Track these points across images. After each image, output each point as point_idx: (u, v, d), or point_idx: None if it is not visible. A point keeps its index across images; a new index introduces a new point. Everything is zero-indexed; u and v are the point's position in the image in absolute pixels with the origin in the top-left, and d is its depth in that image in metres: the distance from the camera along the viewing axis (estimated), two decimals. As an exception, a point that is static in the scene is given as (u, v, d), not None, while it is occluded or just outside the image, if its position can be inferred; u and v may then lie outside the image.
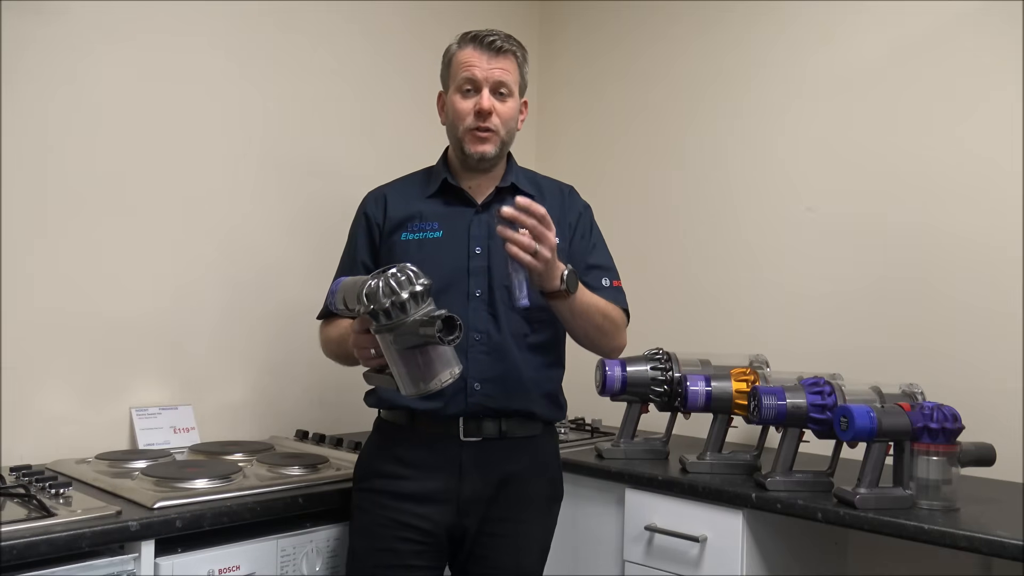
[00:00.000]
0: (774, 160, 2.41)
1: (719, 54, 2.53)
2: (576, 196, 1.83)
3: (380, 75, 2.56)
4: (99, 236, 2.02)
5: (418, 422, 1.67)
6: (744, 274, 2.45)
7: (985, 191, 2.03)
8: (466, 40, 1.69)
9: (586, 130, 2.88)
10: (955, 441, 1.65)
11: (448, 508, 1.64)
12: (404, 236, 1.71)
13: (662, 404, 2.10)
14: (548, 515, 1.77)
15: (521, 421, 1.69)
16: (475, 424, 1.65)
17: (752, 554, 1.79)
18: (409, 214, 1.72)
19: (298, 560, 1.70)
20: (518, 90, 1.71)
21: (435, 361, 1.39)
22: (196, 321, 2.18)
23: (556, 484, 1.78)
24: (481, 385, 1.64)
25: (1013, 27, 1.98)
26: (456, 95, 1.69)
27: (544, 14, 3.02)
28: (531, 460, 1.71)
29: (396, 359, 1.40)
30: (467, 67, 1.67)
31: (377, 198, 1.79)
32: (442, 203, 1.73)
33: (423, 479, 1.64)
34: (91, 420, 2.00)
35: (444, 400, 1.61)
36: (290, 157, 2.36)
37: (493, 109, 1.66)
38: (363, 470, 1.73)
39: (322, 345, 1.83)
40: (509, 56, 1.68)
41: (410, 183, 1.80)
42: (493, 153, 1.69)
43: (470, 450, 1.65)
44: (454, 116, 1.69)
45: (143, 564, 1.48)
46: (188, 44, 2.16)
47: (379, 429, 1.76)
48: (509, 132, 1.71)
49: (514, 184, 1.74)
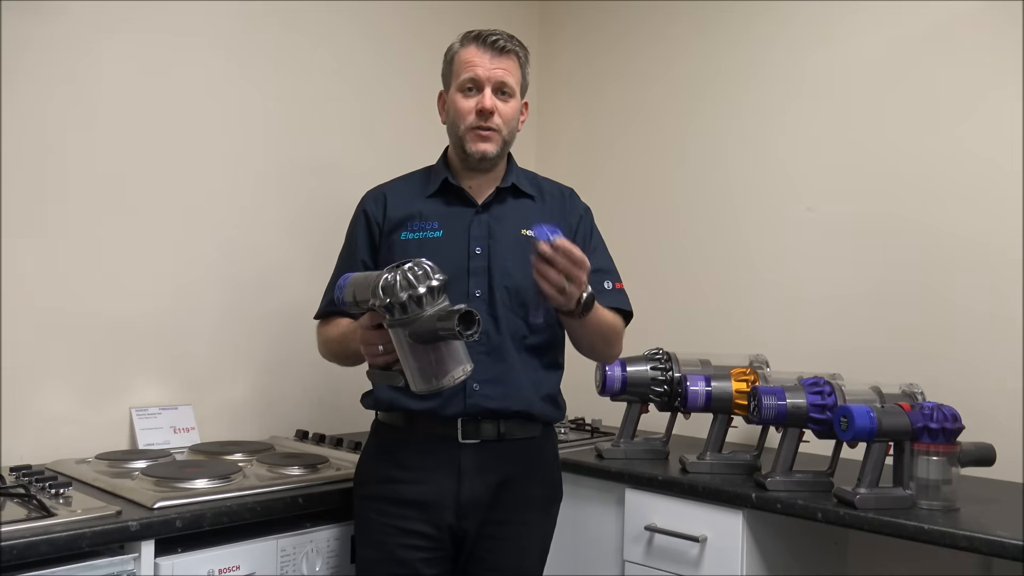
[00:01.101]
0: (774, 160, 2.41)
1: (719, 54, 2.53)
2: (576, 199, 1.83)
3: (380, 75, 2.56)
4: (99, 236, 2.02)
5: (416, 424, 1.66)
6: (744, 274, 2.45)
7: (985, 191, 2.03)
8: (469, 39, 1.69)
9: (586, 130, 2.88)
10: (955, 441, 1.65)
11: (447, 511, 1.63)
12: (404, 236, 1.70)
13: (662, 404, 2.10)
14: (548, 516, 1.76)
15: (520, 423, 1.67)
16: (473, 426, 1.63)
17: (752, 554, 1.79)
18: (409, 214, 1.71)
19: (298, 560, 1.70)
20: (520, 90, 1.71)
21: (448, 358, 1.38)
22: (196, 321, 2.18)
23: (555, 485, 1.78)
24: (480, 386, 1.62)
25: (1013, 27, 1.98)
26: (458, 94, 1.68)
27: (544, 14, 3.02)
28: (530, 462, 1.70)
29: (408, 354, 1.39)
30: (469, 66, 1.66)
31: (376, 197, 1.78)
32: (442, 203, 1.72)
33: (422, 483, 1.63)
34: (91, 420, 2.00)
35: (442, 401, 1.61)
36: (291, 157, 2.35)
37: (495, 109, 1.65)
38: (363, 475, 1.73)
39: (320, 345, 1.81)
40: (511, 56, 1.68)
41: (410, 182, 1.79)
42: (494, 153, 1.68)
43: (469, 452, 1.63)
44: (455, 115, 1.69)
45: (143, 564, 1.48)
46: (188, 44, 2.15)
47: (376, 432, 1.75)
48: (511, 132, 1.71)
49: (515, 184, 1.74)
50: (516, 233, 1.68)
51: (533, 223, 1.66)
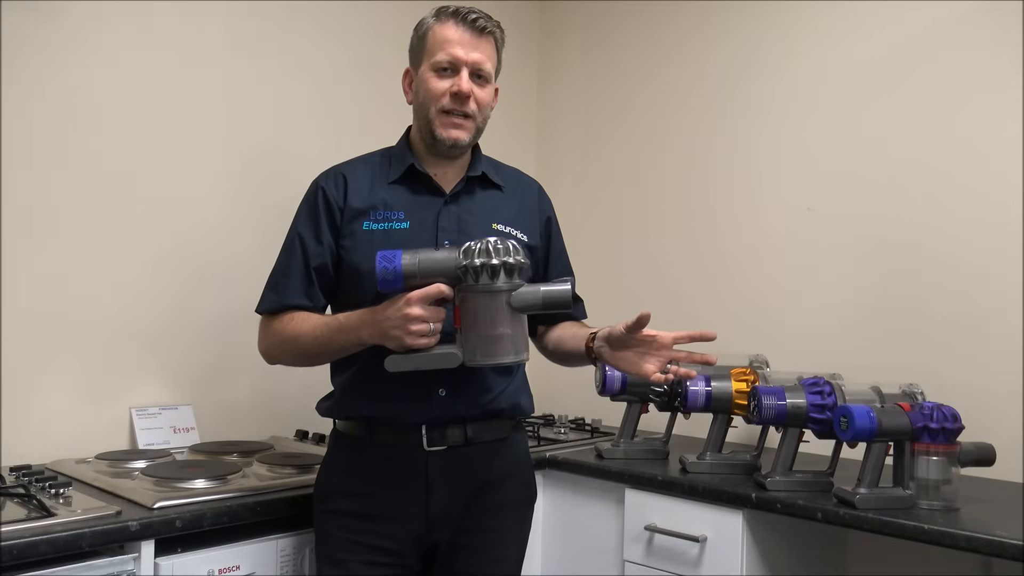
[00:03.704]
0: (775, 160, 2.41)
1: (720, 53, 2.53)
2: (546, 196, 1.76)
3: (381, 75, 2.55)
4: (99, 236, 2.02)
5: (377, 433, 1.56)
6: (744, 274, 2.45)
7: (986, 191, 2.02)
8: (446, 15, 1.56)
9: (586, 129, 2.88)
10: (955, 441, 1.65)
11: (416, 524, 1.54)
12: (367, 225, 1.57)
13: (662, 404, 2.10)
14: (522, 520, 1.68)
15: (487, 423, 1.58)
16: (439, 432, 1.53)
17: (752, 554, 1.79)
18: (372, 202, 1.58)
19: (298, 560, 1.70)
20: (495, 75, 1.61)
21: (519, 335, 1.42)
22: (196, 321, 2.18)
23: (529, 487, 1.69)
24: (446, 391, 1.53)
25: (1013, 27, 1.98)
26: (430, 74, 1.55)
27: (545, 13, 3.02)
28: (501, 465, 1.61)
29: (487, 322, 1.39)
30: (447, 45, 1.53)
31: (336, 178, 1.61)
32: (407, 191, 1.60)
33: (387, 496, 1.54)
34: (91, 420, 2.00)
35: (407, 407, 1.53)
36: (291, 157, 2.35)
37: (472, 93, 1.54)
38: (323, 489, 1.62)
39: (271, 343, 1.61)
40: (490, 38, 1.57)
41: (369, 165, 1.64)
42: (467, 140, 1.57)
43: (436, 460, 1.54)
44: (426, 96, 1.56)
45: (143, 564, 1.48)
46: (188, 43, 2.16)
47: (337, 441, 1.64)
48: (484, 119, 1.60)
49: (484, 174, 1.65)
50: (487, 226, 1.60)
51: (503, 217, 1.63)
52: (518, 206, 1.68)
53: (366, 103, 2.50)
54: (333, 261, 1.59)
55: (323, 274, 1.60)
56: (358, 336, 1.47)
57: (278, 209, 2.30)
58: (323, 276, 1.60)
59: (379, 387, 1.52)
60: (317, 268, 1.59)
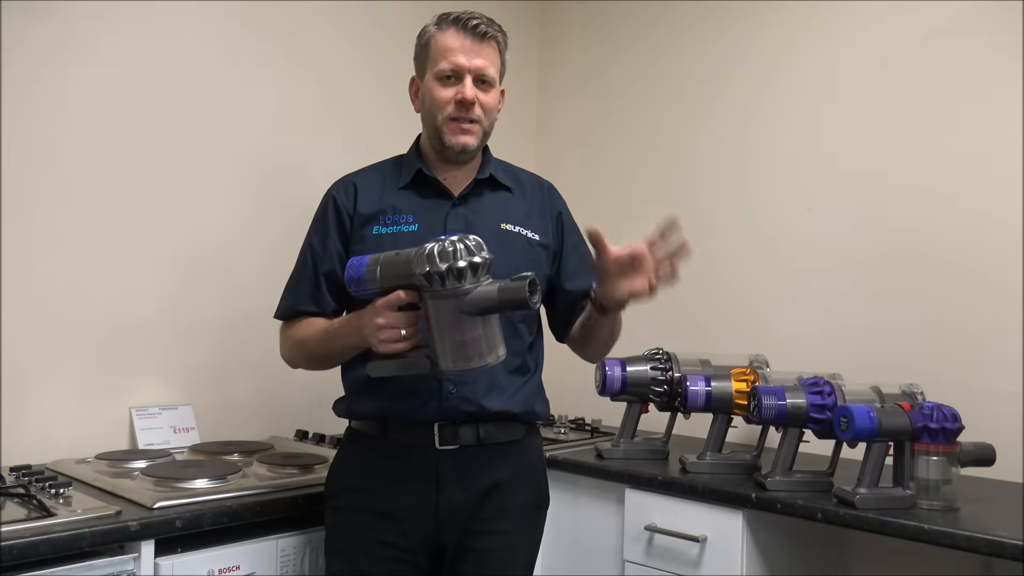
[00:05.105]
0: (775, 160, 2.41)
1: (721, 53, 2.53)
2: (556, 193, 1.77)
3: (381, 75, 2.55)
4: (99, 236, 2.02)
5: (390, 431, 1.57)
6: (744, 274, 2.45)
7: (986, 191, 2.02)
8: (447, 22, 1.58)
9: (587, 129, 2.88)
10: (955, 441, 1.65)
11: (425, 523, 1.54)
12: (377, 230, 1.59)
13: (662, 404, 2.10)
14: (534, 524, 1.67)
15: (500, 425, 1.58)
16: (451, 431, 1.54)
17: (752, 554, 1.79)
18: (381, 207, 1.61)
19: (298, 560, 1.70)
20: (499, 78, 1.63)
21: (492, 335, 1.36)
22: (196, 321, 2.18)
23: (541, 491, 1.69)
24: (457, 388, 1.54)
25: (1014, 27, 1.98)
26: (435, 82, 1.57)
27: (545, 13, 3.02)
28: (513, 467, 1.61)
29: (451, 329, 1.34)
30: (449, 53, 1.55)
31: (347, 187, 1.65)
32: (416, 195, 1.62)
33: (397, 493, 1.55)
34: (91, 420, 2.00)
35: (417, 404, 1.54)
36: (292, 158, 2.35)
37: (476, 99, 1.56)
38: (335, 485, 1.63)
39: (287, 348, 1.68)
40: (492, 43, 1.59)
41: (380, 172, 1.68)
42: (475, 145, 1.59)
43: (447, 460, 1.54)
44: (432, 104, 1.58)
45: (143, 564, 1.48)
46: (188, 44, 2.16)
47: (350, 440, 1.66)
48: (491, 123, 1.62)
49: (492, 176, 1.66)
50: (495, 227, 1.61)
51: (513, 217, 1.64)
52: (528, 206, 1.69)
53: (372, 105, 2.51)
54: (342, 266, 1.59)
55: (332, 279, 1.62)
56: (349, 340, 1.51)
57: (280, 210, 2.33)
58: (332, 281, 1.63)
59: (388, 385, 1.54)
60: (326, 274, 1.63)
